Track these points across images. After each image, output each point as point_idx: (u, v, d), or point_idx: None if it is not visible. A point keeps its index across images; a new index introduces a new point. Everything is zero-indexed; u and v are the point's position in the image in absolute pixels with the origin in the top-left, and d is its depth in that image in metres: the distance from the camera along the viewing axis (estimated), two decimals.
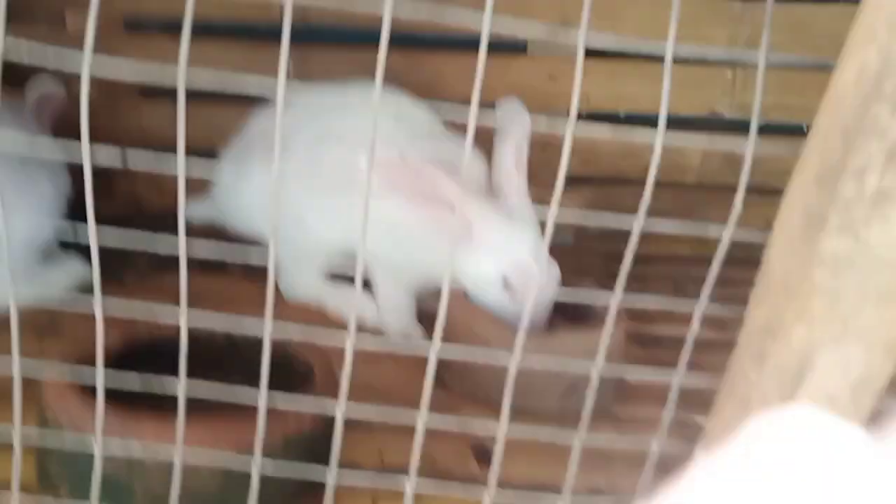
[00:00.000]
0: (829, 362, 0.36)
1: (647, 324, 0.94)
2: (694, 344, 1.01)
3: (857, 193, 0.35)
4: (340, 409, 0.43)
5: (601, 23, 1.19)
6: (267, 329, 0.43)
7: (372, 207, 0.44)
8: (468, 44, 1.16)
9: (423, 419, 0.44)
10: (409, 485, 0.47)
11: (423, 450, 0.67)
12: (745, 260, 0.49)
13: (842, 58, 0.35)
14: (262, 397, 0.43)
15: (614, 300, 0.43)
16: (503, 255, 0.82)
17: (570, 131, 0.38)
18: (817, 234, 0.35)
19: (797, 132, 1.15)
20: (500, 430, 0.48)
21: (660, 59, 1.33)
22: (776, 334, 0.37)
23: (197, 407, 0.45)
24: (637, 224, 0.41)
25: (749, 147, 0.40)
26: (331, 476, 0.45)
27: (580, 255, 1.16)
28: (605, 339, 0.60)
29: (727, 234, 0.39)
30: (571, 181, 1.32)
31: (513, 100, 0.90)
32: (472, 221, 0.82)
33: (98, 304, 0.40)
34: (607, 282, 1.05)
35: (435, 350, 0.43)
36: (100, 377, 0.41)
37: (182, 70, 0.36)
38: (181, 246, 0.42)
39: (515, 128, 0.87)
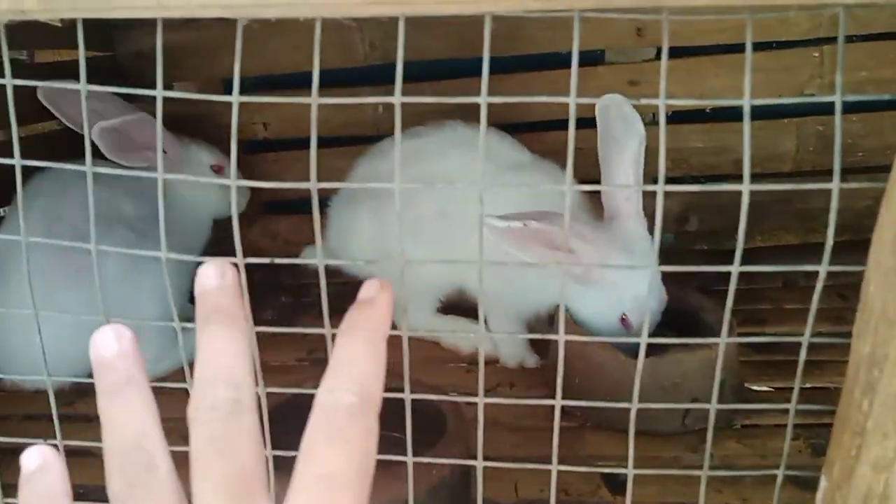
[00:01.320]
0: None
1: (759, 326, 0.94)
2: (811, 343, 1.00)
3: None
4: (479, 464, 0.47)
5: (674, 23, 1.20)
6: (407, 394, 0.47)
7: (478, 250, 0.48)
8: (545, 61, 1.19)
9: (555, 467, 0.48)
10: None
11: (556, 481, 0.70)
12: (857, 244, 0.45)
13: None
14: (409, 458, 0.48)
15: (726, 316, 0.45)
16: (623, 294, 0.80)
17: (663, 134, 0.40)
18: None
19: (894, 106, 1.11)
20: (629, 458, 0.51)
21: (736, 50, 1.31)
22: (882, 365, 0.38)
23: None
24: (741, 223, 0.43)
25: (837, 124, 0.41)
26: None
27: (682, 256, 1.16)
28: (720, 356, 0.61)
29: (832, 220, 0.40)
30: (665, 181, 1.31)
31: (620, 101, 0.79)
32: (592, 263, 0.79)
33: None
34: (711, 283, 1.06)
35: (559, 401, 0.47)
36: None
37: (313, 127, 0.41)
38: (324, 303, 0.46)
39: (631, 140, 0.79)
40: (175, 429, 0.33)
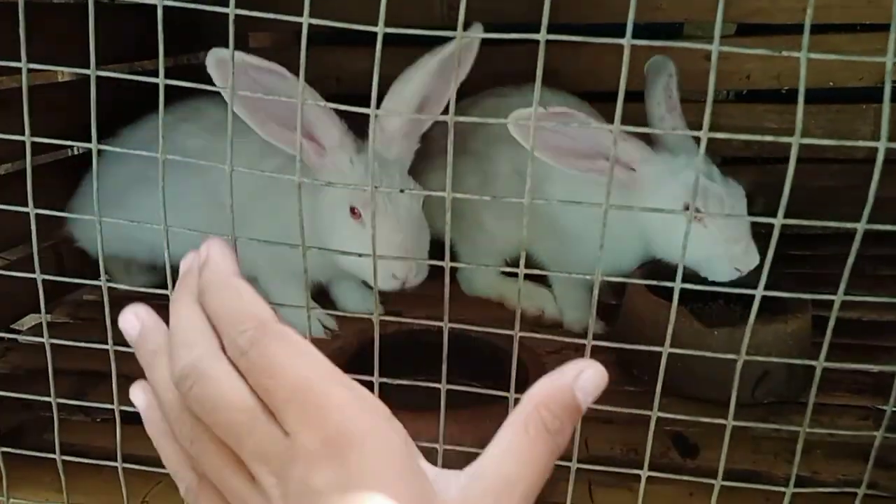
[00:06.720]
0: None
1: (827, 310, 0.94)
2: (878, 327, 0.99)
3: None
4: None
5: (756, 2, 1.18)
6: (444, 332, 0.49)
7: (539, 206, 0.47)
8: (623, 32, 1.18)
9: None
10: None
11: (625, 440, 0.72)
12: None
13: None
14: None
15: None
16: (675, 185, 0.82)
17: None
18: None
19: None
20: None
21: (821, 31, 1.29)
22: None
23: (418, 404, 0.52)
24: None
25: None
26: None
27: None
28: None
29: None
30: (735, 161, 1.31)
31: (659, 56, 0.95)
32: (634, 164, 0.82)
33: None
34: (779, 264, 1.06)
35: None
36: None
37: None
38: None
39: (660, 76, 0.91)
40: None
